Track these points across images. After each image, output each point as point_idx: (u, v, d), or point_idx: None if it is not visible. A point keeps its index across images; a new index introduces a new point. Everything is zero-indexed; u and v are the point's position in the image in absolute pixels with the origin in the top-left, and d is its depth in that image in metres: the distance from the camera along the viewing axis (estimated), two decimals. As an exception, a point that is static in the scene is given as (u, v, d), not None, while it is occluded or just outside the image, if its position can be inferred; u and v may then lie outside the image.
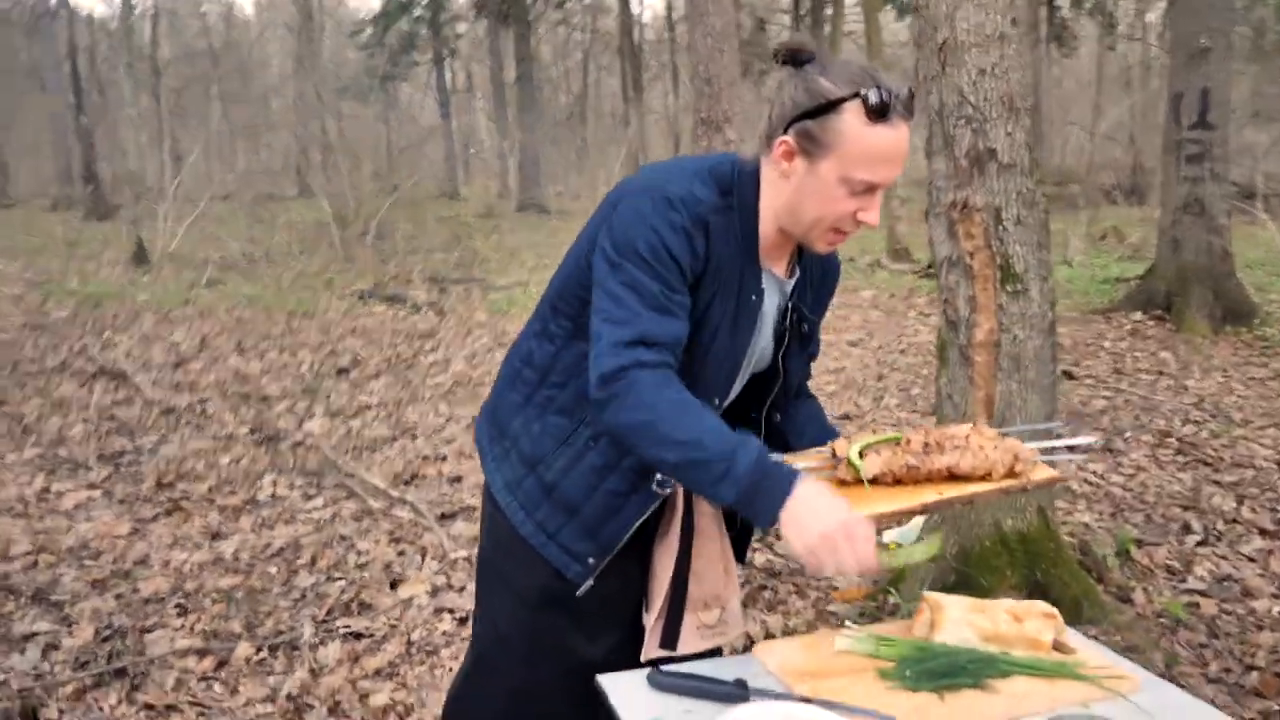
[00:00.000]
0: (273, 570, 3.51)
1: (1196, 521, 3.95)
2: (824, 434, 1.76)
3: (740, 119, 8.90)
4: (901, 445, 1.52)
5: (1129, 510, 4.10)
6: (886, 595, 3.19)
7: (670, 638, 1.73)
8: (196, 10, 31.39)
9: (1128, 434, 5.11)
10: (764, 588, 3.41)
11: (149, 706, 2.64)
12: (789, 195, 1.51)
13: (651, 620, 1.72)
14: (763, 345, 1.65)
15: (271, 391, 6.00)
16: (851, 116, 1.41)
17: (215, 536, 3.80)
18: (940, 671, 1.46)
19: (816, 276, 1.72)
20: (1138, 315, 8.25)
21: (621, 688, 1.46)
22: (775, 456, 1.42)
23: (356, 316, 8.61)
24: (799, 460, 1.57)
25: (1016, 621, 1.56)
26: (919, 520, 1.63)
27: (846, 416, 5.69)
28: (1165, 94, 8.83)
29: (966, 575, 3.09)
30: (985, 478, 1.51)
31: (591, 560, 1.62)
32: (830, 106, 1.43)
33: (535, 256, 12.43)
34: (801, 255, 1.66)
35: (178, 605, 3.21)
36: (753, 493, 1.36)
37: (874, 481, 1.50)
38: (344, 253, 12.52)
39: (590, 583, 1.63)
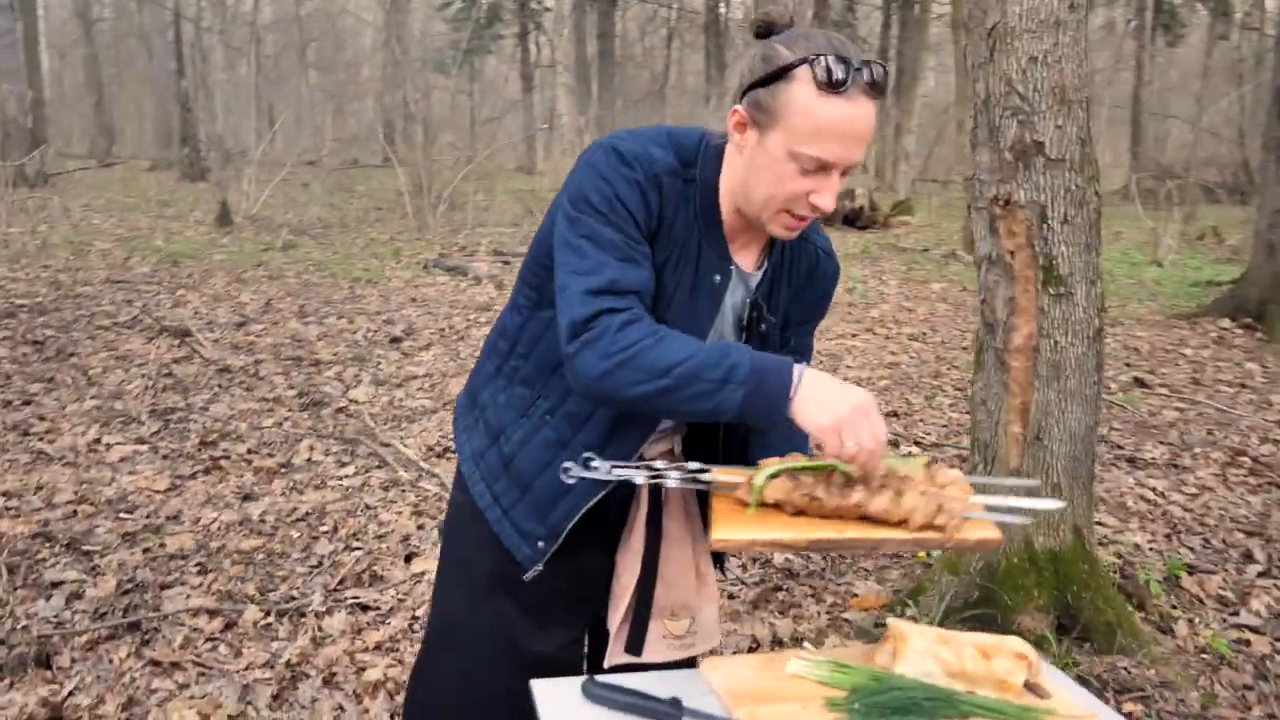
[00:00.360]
0: (295, 535, 3.55)
1: (1260, 550, 3.71)
2: (788, 449, 1.67)
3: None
4: (823, 476, 1.42)
5: (1186, 533, 3.88)
6: (905, 606, 3.07)
7: (635, 644, 1.68)
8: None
9: (1196, 450, 4.85)
10: (779, 589, 3.32)
11: (155, 663, 2.69)
12: (741, 170, 1.44)
13: (615, 623, 1.67)
14: (722, 334, 1.57)
15: (324, 356, 6.09)
16: (802, 85, 1.33)
17: (246, 498, 3.87)
18: (892, 706, 1.36)
19: (799, 278, 1.62)
20: (1225, 322, 7.83)
21: (553, 694, 1.40)
22: (770, 354, 1.37)
23: (418, 286, 8.69)
24: (720, 473, 1.49)
25: (985, 659, 1.45)
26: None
27: (894, 414, 5.53)
28: (1272, 88, 8.32)
29: (990, 593, 2.96)
30: (902, 524, 1.38)
31: (541, 544, 1.58)
32: (781, 73, 1.34)
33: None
34: (774, 251, 1.57)
35: (198, 564, 3.28)
36: (757, 391, 1.32)
37: (777, 507, 1.40)
38: (416, 222, 12.66)
39: (539, 568, 1.59)
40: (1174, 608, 3.24)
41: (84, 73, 26.16)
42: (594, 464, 1.45)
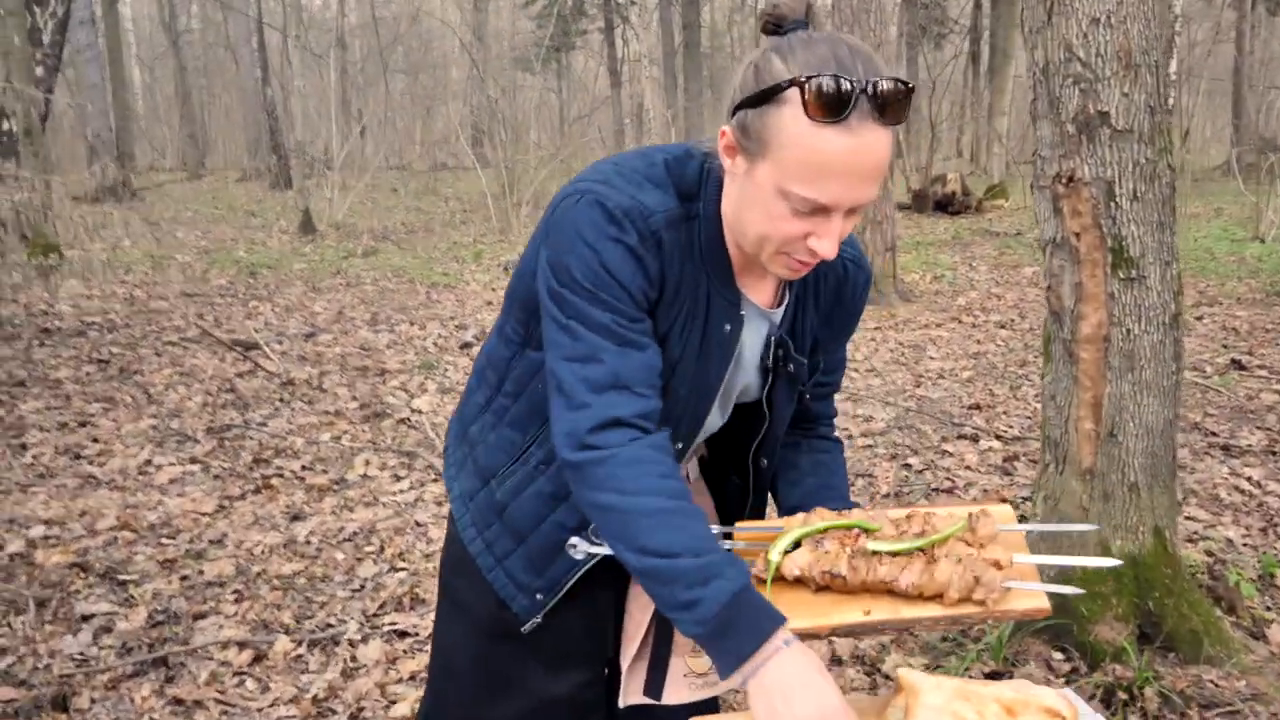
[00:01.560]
0: (339, 557, 3.47)
1: (1372, 545, 3.35)
2: (823, 490, 1.47)
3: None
4: (848, 538, 1.23)
5: (1289, 527, 3.52)
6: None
7: (655, 685, 1.52)
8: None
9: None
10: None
11: (178, 701, 2.63)
12: (734, 201, 1.22)
13: (627, 663, 1.51)
14: (744, 381, 1.38)
15: (391, 366, 6.05)
16: (793, 111, 1.09)
17: (295, 518, 3.81)
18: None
19: (827, 299, 1.40)
20: (1335, 296, 7.25)
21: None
22: (759, 601, 1.14)
23: (495, 289, 8.64)
24: (744, 538, 1.31)
25: (1009, 716, 1.24)
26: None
27: (976, 406, 5.21)
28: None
29: (1065, 602, 2.68)
30: (937, 598, 1.19)
31: (539, 596, 1.42)
32: (771, 94, 1.10)
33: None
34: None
35: (235, 591, 3.22)
36: (714, 640, 1.13)
37: (799, 582, 1.22)
38: (498, 224, 12.67)
39: (538, 620, 1.43)
40: (1269, 609, 2.93)
41: (174, 85, 27.06)
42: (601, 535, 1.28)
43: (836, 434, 1.57)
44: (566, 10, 25.34)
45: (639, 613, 1.50)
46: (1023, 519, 3.69)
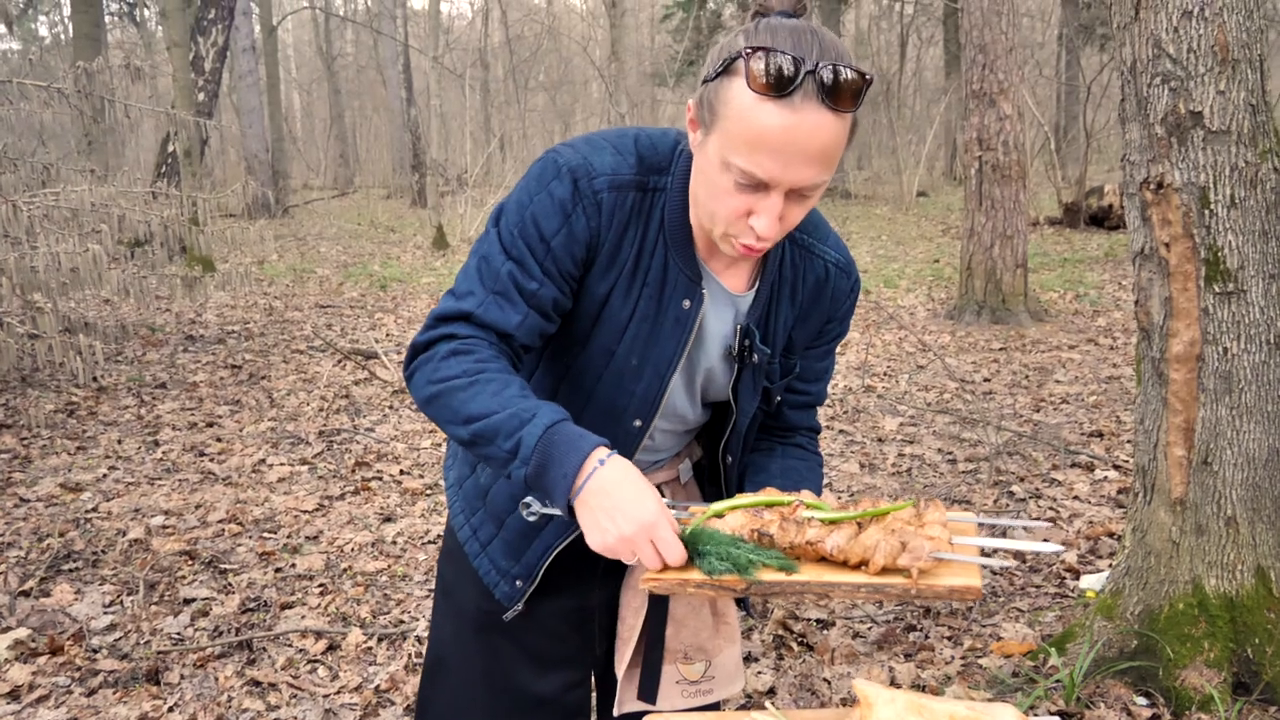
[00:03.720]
0: (421, 557, 3.57)
1: None
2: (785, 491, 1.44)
3: (1016, 92, 8.05)
4: (787, 510, 1.19)
5: None
6: (1047, 655, 2.67)
7: (648, 690, 1.51)
8: (524, 1, 33.69)
9: None
10: (912, 628, 2.98)
11: (254, 682, 2.75)
12: (694, 176, 1.22)
13: (623, 668, 1.50)
14: (708, 365, 1.36)
15: (498, 374, 6.20)
16: (740, 83, 1.09)
17: (387, 519, 3.95)
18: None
19: (805, 295, 1.37)
20: None
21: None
22: (573, 429, 1.15)
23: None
24: (696, 509, 1.29)
25: (962, 733, 1.17)
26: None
27: (1098, 433, 4.94)
28: None
29: (1151, 643, 2.51)
30: (861, 566, 1.15)
31: (519, 583, 1.43)
32: (725, 67, 1.12)
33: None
34: (770, 266, 1.33)
35: (321, 584, 3.35)
36: (541, 469, 1.14)
37: None
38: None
39: (519, 608, 1.44)
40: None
41: (328, 107, 28.56)
42: None
43: (817, 448, 1.53)
44: (703, 24, 25.51)
45: (631, 617, 1.48)
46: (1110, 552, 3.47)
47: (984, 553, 1.21)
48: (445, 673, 1.56)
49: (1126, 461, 4.48)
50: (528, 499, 1.26)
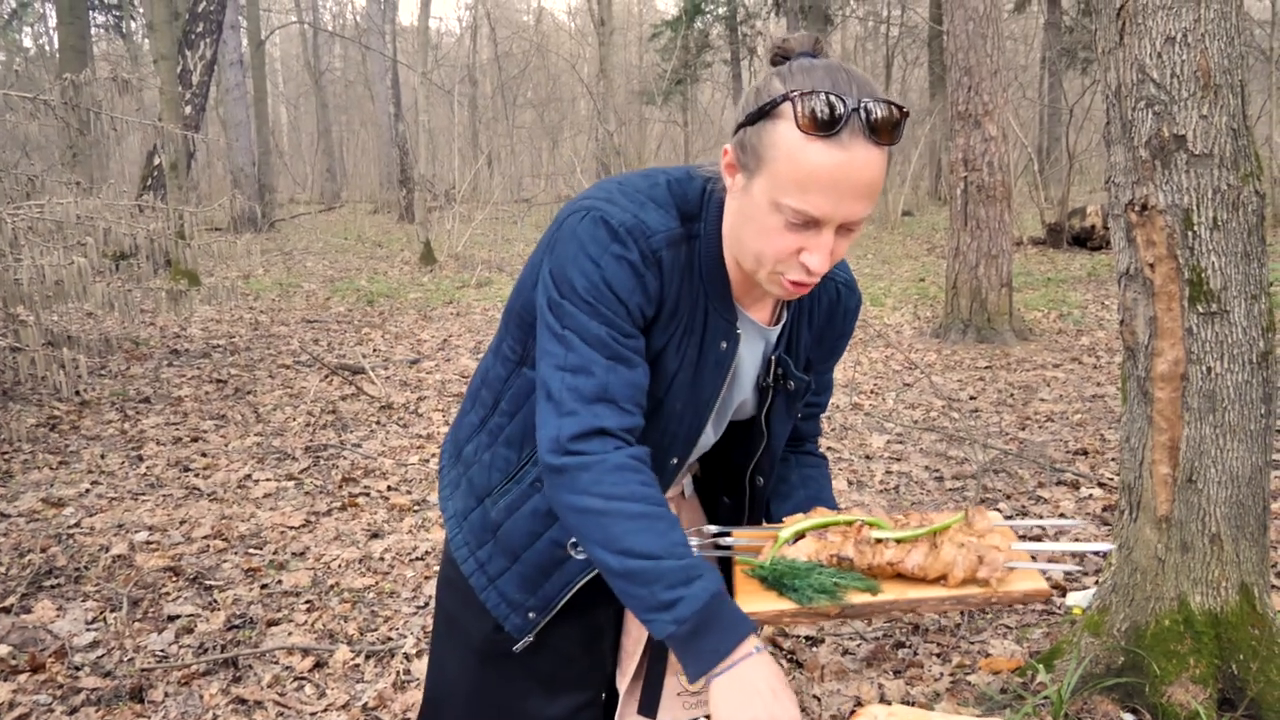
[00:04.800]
0: (409, 574, 3.56)
1: None
2: (814, 502, 1.48)
3: (1001, 114, 8.13)
4: (851, 531, 1.25)
5: None
6: (1034, 672, 2.68)
7: (650, 704, 1.52)
8: (512, 18, 33.83)
9: None
10: (901, 645, 2.99)
11: (240, 700, 2.73)
12: (733, 219, 1.24)
13: (625, 683, 1.51)
14: (740, 399, 1.39)
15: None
16: (786, 125, 1.12)
17: (374, 535, 3.93)
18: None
19: (820, 319, 1.42)
20: None
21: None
22: (733, 606, 1.17)
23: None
24: (741, 535, 1.33)
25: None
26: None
27: (1083, 451, 4.98)
28: None
29: (1138, 659, 2.53)
30: (940, 580, 1.20)
31: (532, 615, 1.43)
32: (767, 110, 1.14)
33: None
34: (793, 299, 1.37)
35: (308, 601, 3.33)
36: (696, 634, 1.14)
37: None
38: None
39: (529, 639, 1.44)
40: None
41: (315, 122, 28.56)
42: None
43: (820, 450, 1.59)
44: (691, 43, 25.68)
45: (636, 630, 1.50)
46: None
47: (1047, 558, 1.31)
48: (452, 704, 1.55)
49: (1111, 479, 4.52)
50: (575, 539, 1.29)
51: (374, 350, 7.41)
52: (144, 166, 13.08)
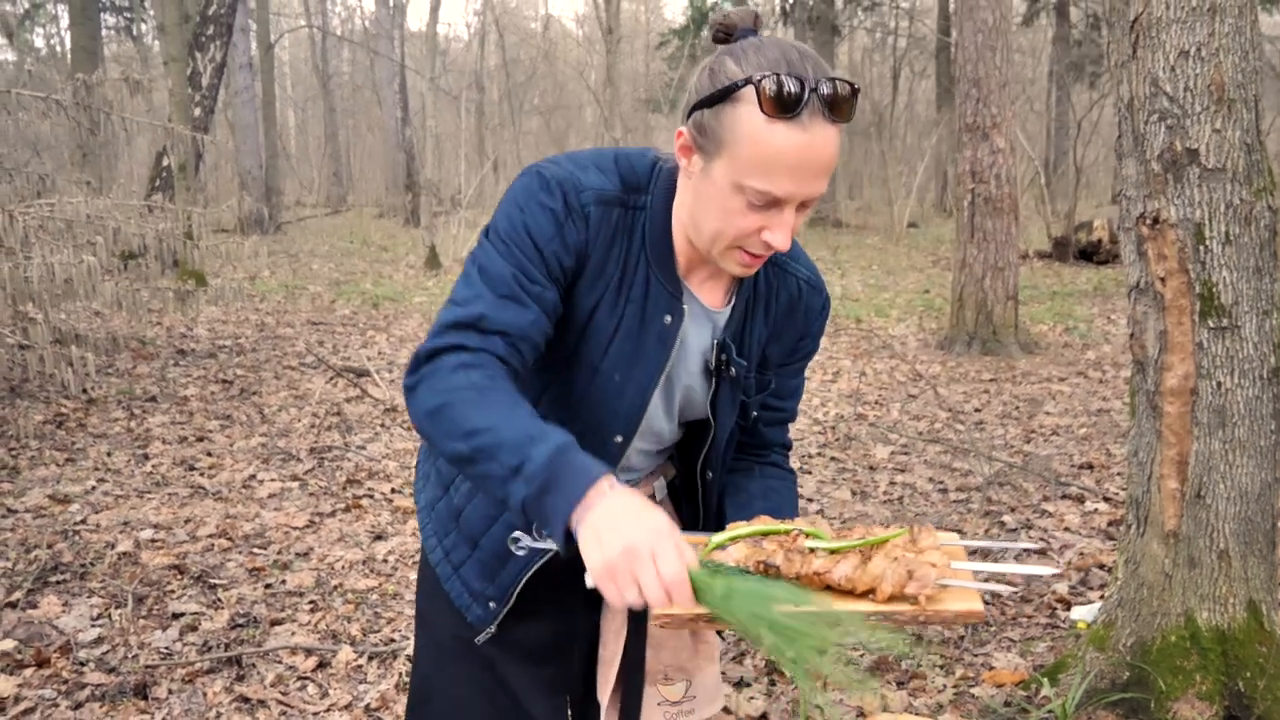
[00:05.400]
0: (413, 576, 3.55)
1: None
2: (772, 515, 1.45)
3: (1009, 126, 8.14)
4: (787, 539, 1.21)
5: None
6: (1039, 686, 2.67)
7: (630, 715, 1.52)
8: (520, 25, 33.94)
9: None
10: (904, 657, 2.99)
11: (243, 699, 2.73)
12: (689, 199, 1.25)
13: (606, 694, 1.50)
14: (686, 383, 1.38)
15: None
16: (747, 108, 1.13)
17: (378, 537, 3.93)
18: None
19: (778, 312, 1.41)
20: None
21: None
22: (584, 456, 1.10)
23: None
24: (687, 538, 1.30)
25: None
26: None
27: (1089, 465, 4.97)
28: None
29: (1143, 674, 2.52)
30: (869, 594, 1.17)
31: (492, 604, 1.43)
32: (726, 94, 1.15)
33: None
34: (745, 283, 1.37)
35: (311, 601, 3.33)
36: (543, 493, 1.06)
37: None
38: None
39: (491, 630, 1.44)
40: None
41: (322, 125, 28.65)
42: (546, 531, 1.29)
43: (791, 465, 1.56)
44: (699, 52, 25.74)
45: (613, 640, 1.49)
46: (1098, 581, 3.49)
47: (984, 577, 1.24)
48: (428, 702, 1.56)
49: (1116, 494, 4.51)
50: (516, 534, 1.26)
51: (379, 353, 7.42)
52: (153, 167, 13.12)
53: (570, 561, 1.17)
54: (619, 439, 1.36)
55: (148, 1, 21.44)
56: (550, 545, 1.20)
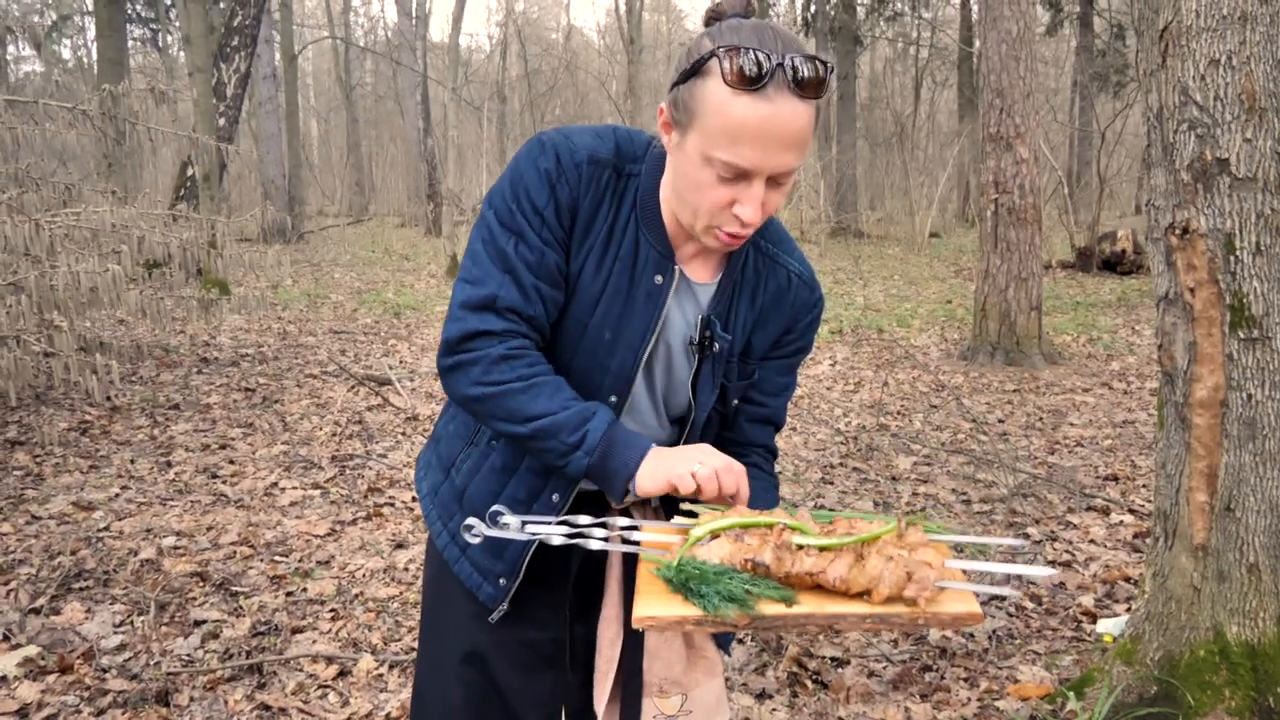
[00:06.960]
0: (433, 584, 3.55)
1: None
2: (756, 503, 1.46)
3: (1032, 136, 8.09)
4: (771, 535, 1.17)
5: None
6: (1065, 699, 2.64)
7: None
8: (542, 36, 34.08)
9: None
10: (928, 669, 2.95)
11: (265, 706, 2.73)
12: (671, 175, 1.30)
13: (602, 704, 1.50)
14: (670, 358, 1.40)
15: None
16: (715, 81, 1.18)
17: (399, 546, 3.93)
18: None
19: (765, 299, 1.44)
20: None
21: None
22: (635, 431, 1.33)
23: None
24: (652, 530, 1.30)
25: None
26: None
27: (1113, 477, 4.92)
28: None
29: (1171, 689, 2.48)
30: (864, 595, 1.13)
31: (502, 581, 1.46)
32: (697, 67, 1.19)
33: (832, 283, 12.07)
34: (733, 264, 1.40)
35: (333, 610, 3.33)
36: (606, 456, 1.27)
37: None
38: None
39: (505, 607, 1.46)
40: None
41: (345, 135, 28.87)
42: (503, 519, 1.31)
43: (773, 469, 1.56)
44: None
45: (608, 649, 1.48)
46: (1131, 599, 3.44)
47: (980, 578, 1.21)
48: (425, 713, 1.59)
49: (1142, 506, 4.46)
50: (470, 520, 1.31)
51: (400, 361, 7.44)
52: (177, 177, 13.25)
53: (564, 559, 1.46)
54: (614, 399, 1.39)
55: (173, 13, 21.67)
56: (502, 534, 1.28)
